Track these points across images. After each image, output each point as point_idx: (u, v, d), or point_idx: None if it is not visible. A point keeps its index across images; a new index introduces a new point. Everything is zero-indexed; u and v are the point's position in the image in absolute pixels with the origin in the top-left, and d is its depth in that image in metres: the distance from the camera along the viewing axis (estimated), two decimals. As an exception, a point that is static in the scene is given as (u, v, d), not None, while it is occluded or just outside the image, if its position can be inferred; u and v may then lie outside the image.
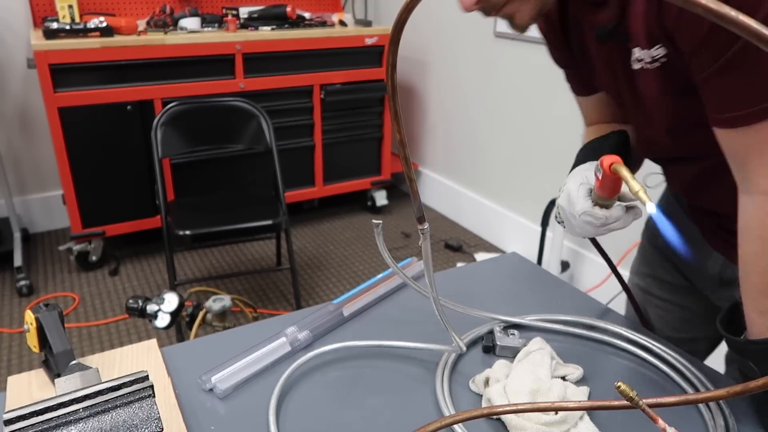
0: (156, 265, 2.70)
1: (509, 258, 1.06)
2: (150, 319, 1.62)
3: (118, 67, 2.42)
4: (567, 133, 2.44)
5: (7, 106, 2.81)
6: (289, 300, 2.46)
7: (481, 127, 2.95)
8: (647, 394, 0.70)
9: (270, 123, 2.21)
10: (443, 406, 0.66)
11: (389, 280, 0.92)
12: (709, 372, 0.74)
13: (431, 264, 0.58)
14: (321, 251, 2.88)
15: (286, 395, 0.69)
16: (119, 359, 0.73)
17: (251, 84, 2.69)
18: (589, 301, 0.92)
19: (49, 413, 0.49)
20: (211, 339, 0.81)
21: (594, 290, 2.35)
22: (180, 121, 2.15)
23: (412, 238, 3.02)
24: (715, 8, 0.25)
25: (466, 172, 3.13)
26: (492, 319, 0.82)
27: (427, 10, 3.13)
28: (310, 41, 2.78)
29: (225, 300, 1.78)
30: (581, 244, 2.49)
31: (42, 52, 2.25)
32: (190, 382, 0.70)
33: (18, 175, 2.91)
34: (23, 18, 2.73)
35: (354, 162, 3.16)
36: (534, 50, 2.49)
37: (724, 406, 0.66)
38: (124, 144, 2.53)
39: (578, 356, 0.77)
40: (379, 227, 0.57)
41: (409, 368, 0.74)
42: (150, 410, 0.52)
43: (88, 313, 2.33)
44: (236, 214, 2.13)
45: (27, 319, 0.68)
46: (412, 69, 3.38)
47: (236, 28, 2.73)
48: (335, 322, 0.82)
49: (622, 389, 0.43)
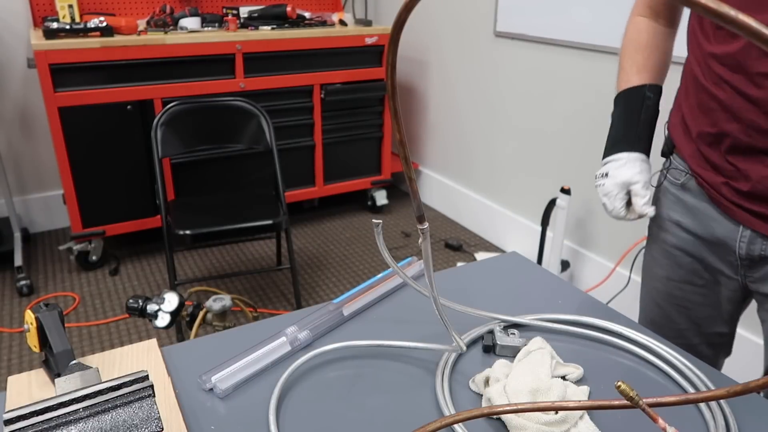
0: (156, 264, 2.70)
1: (509, 258, 1.06)
2: (150, 318, 1.62)
3: (118, 67, 2.42)
4: (567, 133, 2.44)
5: (7, 106, 2.81)
6: (289, 300, 2.46)
7: (481, 126, 2.95)
8: (647, 393, 0.70)
9: (270, 123, 2.21)
10: (443, 406, 0.66)
11: (389, 279, 0.92)
12: (710, 371, 0.74)
13: (431, 264, 0.58)
14: (321, 251, 2.88)
15: (286, 395, 0.69)
16: (119, 359, 0.73)
17: (251, 84, 2.69)
18: (589, 300, 0.92)
19: (49, 413, 0.49)
20: (211, 339, 0.81)
21: (594, 290, 2.35)
22: (180, 120, 2.15)
23: (412, 237, 3.02)
24: (714, 8, 0.25)
25: (466, 171, 3.13)
26: (492, 319, 0.82)
27: (427, 10, 3.13)
28: (310, 41, 2.78)
29: (225, 300, 1.78)
30: (581, 243, 2.49)
31: (42, 52, 2.25)
32: (190, 382, 0.70)
33: (18, 175, 2.91)
34: (23, 18, 2.73)
35: (354, 162, 3.16)
36: (534, 50, 2.49)
37: (724, 406, 0.66)
38: (124, 144, 2.53)
39: (578, 356, 0.77)
40: (379, 227, 0.57)
41: (409, 368, 0.74)
42: (150, 410, 0.52)
43: (88, 313, 2.33)
44: (236, 213, 2.13)
45: (27, 318, 0.68)
46: (412, 69, 3.38)
47: (236, 28, 2.73)
48: (335, 322, 0.82)
49: (622, 389, 0.43)
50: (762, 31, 0.25)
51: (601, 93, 2.22)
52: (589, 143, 2.34)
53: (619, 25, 1.07)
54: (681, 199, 0.97)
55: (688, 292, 1.01)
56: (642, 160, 0.95)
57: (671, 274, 1.02)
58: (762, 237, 0.86)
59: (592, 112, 2.30)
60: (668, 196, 1.00)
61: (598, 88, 2.24)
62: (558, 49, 2.37)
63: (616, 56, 1.04)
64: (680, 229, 0.98)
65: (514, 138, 2.74)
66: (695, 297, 1.00)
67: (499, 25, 2.66)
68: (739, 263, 0.91)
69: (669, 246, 1.01)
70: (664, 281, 1.03)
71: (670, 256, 1.01)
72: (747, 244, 0.88)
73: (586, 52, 2.25)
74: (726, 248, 0.91)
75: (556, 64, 2.40)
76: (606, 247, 2.37)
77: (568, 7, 2.28)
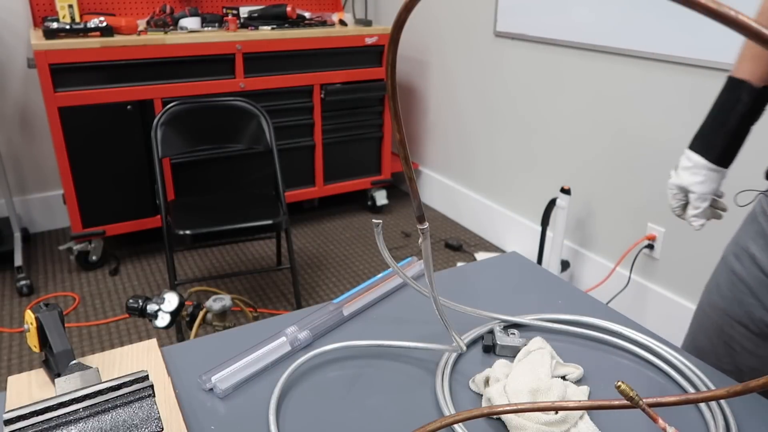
0: (156, 264, 2.70)
1: (509, 257, 1.06)
2: (150, 318, 1.62)
3: (118, 67, 2.42)
4: (567, 133, 2.44)
5: (7, 106, 2.81)
6: (289, 300, 2.46)
7: (481, 126, 2.95)
8: (647, 393, 0.70)
9: (270, 123, 2.21)
10: (443, 406, 0.66)
11: (389, 279, 0.92)
12: (710, 371, 0.74)
13: (431, 263, 0.58)
14: (321, 251, 2.88)
15: (286, 395, 0.69)
16: (119, 359, 0.73)
17: (251, 84, 2.69)
18: (589, 300, 0.91)
19: (49, 413, 0.49)
20: (211, 339, 0.81)
21: (594, 290, 2.35)
22: (180, 120, 2.15)
23: (412, 237, 3.02)
24: (714, 8, 0.25)
25: (466, 171, 3.13)
26: (492, 319, 0.82)
27: (427, 10, 3.13)
28: (310, 41, 2.78)
29: (225, 300, 1.78)
30: (581, 243, 2.49)
31: (42, 52, 2.25)
32: (190, 382, 0.70)
33: (18, 175, 2.91)
34: (23, 18, 2.73)
35: (354, 162, 3.16)
36: (534, 50, 2.49)
37: (724, 406, 0.66)
38: (124, 144, 2.53)
39: (578, 356, 0.77)
40: (379, 227, 0.57)
41: (409, 368, 0.74)
42: (150, 410, 0.52)
43: (88, 313, 2.33)
44: (236, 213, 2.13)
45: (27, 318, 0.68)
46: (412, 69, 3.38)
47: (236, 28, 2.74)
48: (335, 322, 0.82)
49: (622, 389, 0.43)
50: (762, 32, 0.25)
51: (602, 93, 2.22)
52: (589, 143, 2.34)
53: (619, 25, 1.04)
54: (766, 234, 0.85)
55: (739, 334, 0.90)
56: (710, 170, 0.88)
57: (729, 309, 0.92)
58: None
59: (592, 112, 2.30)
60: (755, 225, 0.88)
61: (599, 89, 2.24)
62: (558, 49, 2.37)
63: (617, 56, 1.00)
64: (754, 264, 0.87)
65: (514, 138, 2.74)
66: (746, 343, 0.90)
67: (499, 25, 2.66)
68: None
69: (737, 278, 0.90)
70: (720, 313, 0.93)
71: (734, 289, 0.91)
72: None
73: (587, 52, 2.25)
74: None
75: (556, 64, 2.40)
76: (606, 247, 2.37)
77: (569, 7, 2.28)
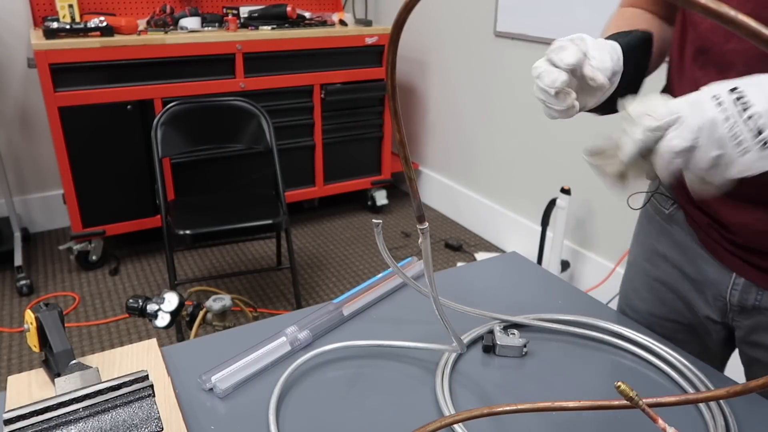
0: (156, 264, 2.70)
1: (509, 258, 1.06)
2: (150, 318, 1.62)
3: (118, 67, 2.42)
4: (567, 133, 2.44)
5: (7, 105, 2.81)
6: (289, 300, 2.46)
7: (481, 126, 2.95)
8: (647, 393, 0.70)
9: (270, 122, 2.21)
10: (443, 406, 0.66)
11: (389, 279, 0.92)
12: (710, 371, 0.74)
13: (431, 263, 0.58)
14: (321, 251, 2.88)
15: (286, 395, 0.69)
16: (119, 359, 0.73)
17: (251, 83, 2.69)
18: (589, 300, 0.91)
19: (49, 413, 0.49)
20: (211, 339, 0.81)
21: (594, 290, 2.35)
22: (180, 120, 2.15)
23: (412, 237, 3.02)
24: (714, 8, 0.25)
25: (466, 171, 3.13)
26: (492, 319, 0.82)
27: (427, 10, 3.13)
28: (310, 41, 2.78)
29: (225, 299, 1.78)
30: (581, 243, 2.49)
31: (42, 52, 2.25)
32: (190, 382, 0.70)
33: (18, 175, 2.91)
34: (23, 18, 2.73)
35: (354, 162, 3.16)
36: (534, 50, 2.49)
37: (724, 406, 0.66)
38: (124, 144, 2.53)
39: (578, 356, 0.77)
40: (379, 227, 0.57)
41: (409, 368, 0.74)
42: (150, 410, 0.52)
43: (88, 313, 2.33)
44: (236, 213, 2.13)
45: (27, 318, 0.68)
46: (412, 69, 3.38)
47: (236, 28, 2.73)
48: (335, 322, 0.82)
49: (622, 389, 0.43)
50: (762, 32, 0.25)
51: (601, 93, 2.22)
52: (589, 143, 2.34)
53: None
54: (668, 231, 0.86)
55: (670, 330, 0.90)
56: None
57: (653, 310, 0.92)
58: (757, 287, 0.76)
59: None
60: (654, 224, 0.89)
61: (598, 88, 2.24)
62: (558, 49, 2.37)
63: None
64: (666, 262, 0.87)
65: (514, 138, 2.74)
66: (680, 335, 0.90)
67: (499, 25, 2.66)
68: (728, 308, 0.81)
69: (652, 279, 0.90)
70: (646, 316, 0.93)
71: (652, 290, 0.91)
72: (740, 292, 0.78)
73: (586, 52, 2.25)
74: (715, 292, 0.81)
75: (556, 64, 2.40)
76: (606, 247, 2.37)
77: (569, 7, 2.28)
